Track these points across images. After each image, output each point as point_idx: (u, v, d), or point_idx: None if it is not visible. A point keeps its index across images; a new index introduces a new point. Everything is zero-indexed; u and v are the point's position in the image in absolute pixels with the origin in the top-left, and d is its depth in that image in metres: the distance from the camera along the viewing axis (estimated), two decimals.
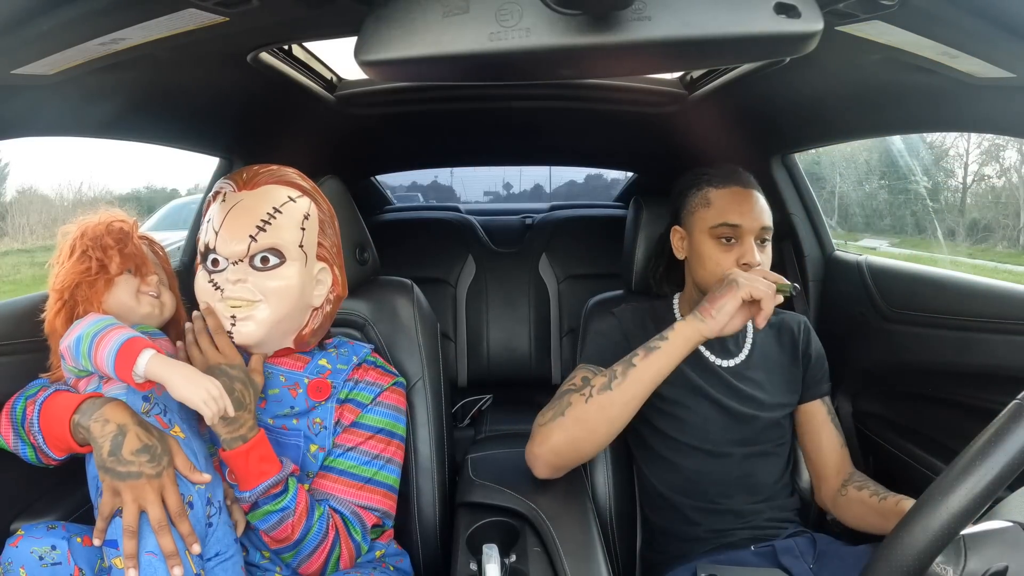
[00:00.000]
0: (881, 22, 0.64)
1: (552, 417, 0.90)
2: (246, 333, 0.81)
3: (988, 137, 4.38)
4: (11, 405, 0.79)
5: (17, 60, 0.63)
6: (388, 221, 2.29)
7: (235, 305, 0.81)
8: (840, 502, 1.03)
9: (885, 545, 0.51)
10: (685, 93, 1.36)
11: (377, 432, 0.90)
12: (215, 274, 0.82)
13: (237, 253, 0.81)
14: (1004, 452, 0.48)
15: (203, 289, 0.83)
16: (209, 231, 0.83)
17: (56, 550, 0.72)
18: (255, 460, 0.78)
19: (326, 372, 0.89)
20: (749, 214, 0.98)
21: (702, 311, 0.87)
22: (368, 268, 1.09)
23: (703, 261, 1.01)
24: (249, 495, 0.78)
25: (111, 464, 0.69)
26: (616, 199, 2.82)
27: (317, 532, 0.82)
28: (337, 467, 0.88)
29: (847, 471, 1.05)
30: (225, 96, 1.10)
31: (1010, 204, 4.49)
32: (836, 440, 1.07)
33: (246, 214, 0.82)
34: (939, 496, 0.49)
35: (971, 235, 4.47)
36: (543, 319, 2.12)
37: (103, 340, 0.71)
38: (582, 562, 0.81)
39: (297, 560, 0.83)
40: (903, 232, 4.72)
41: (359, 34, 0.57)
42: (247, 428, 0.78)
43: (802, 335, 1.09)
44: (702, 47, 0.56)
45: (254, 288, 0.81)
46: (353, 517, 0.86)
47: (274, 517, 0.79)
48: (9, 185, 6.57)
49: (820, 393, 1.08)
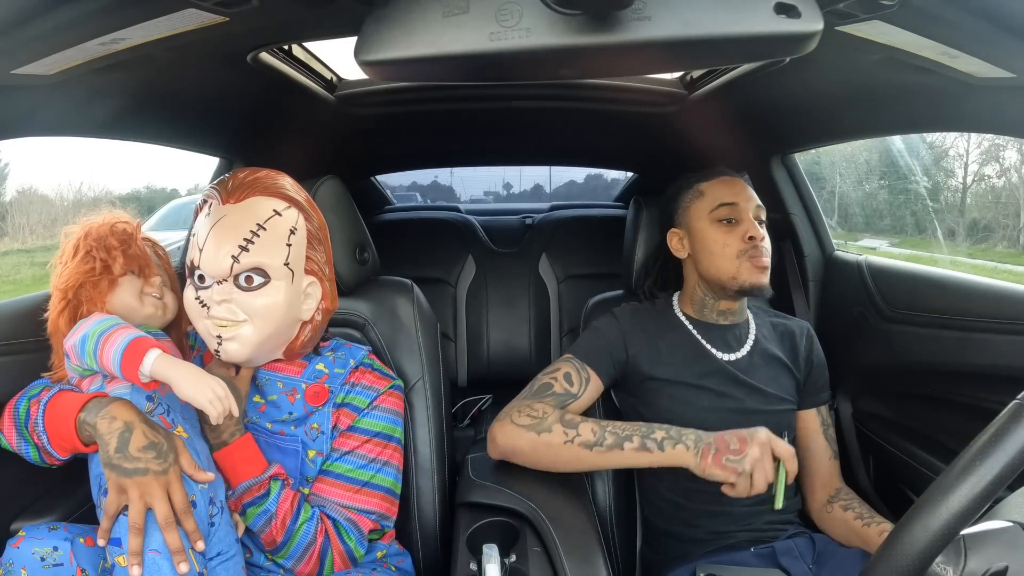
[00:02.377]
0: (881, 22, 0.64)
1: (528, 426, 0.93)
2: (232, 352, 0.80)
3: (988, 137, 4.39)
4: (14, 405, 0.79)
5: (17, 60, 0.63)
6: (388, 221, 2.29)
7: (221, 325, 0.79)
8: (824, 518, 1.04)
9: (885, 545, 0.51)
10: (685, 93, 1.36)
11: (374, 436, 0.90)
12: (201, 291, 0.80)
13: (221, 272, 0.78)
14: (1004, 452, 0.48)
15: (190, 306, 0.81)
16: (194, 247, 0.80)
17: (58, 551, 0.72)
18: (238, 462, 0.82)
19: (323, 377, 0.89)
20: (742, 193, 1.03)
21: (714, 447, 0.86)
22: (368, 268, 1.09)
23: (708, 246, 1.03)
24: (232, 494, 0.81)
25: (118, 461, 0.69)
26: (616, 199, 2.82)
27: (304, 535, 0.83)
28: (334, 471, 0.88)
29: (834, 486, 1.06)
30: (225, 96, 1.10)
31: (1010, 204, 4.50)
32: (826, 452, 1.07)
33: (229, 231, 0.79)
34: (939, 496, 0.49)
35: (971, 235, 4.49)
36: (543, 319, 2.12)
37: (109, 339, 0.72)
38: (582, 562, 0.81)
39: (289, 562, 0.85)
40: (903, 232, 4.75)
41: (359, 34, 0.57)
42: (228, 434, 0.82)
43: (804, 341, 1.09)
44: (702, 47, 0.56)
45: (238, 309, 0.79)
46: (347, 524, 0.86)
47: (260, 519, 0.82)
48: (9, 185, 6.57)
49: (817, 402, 1.08)
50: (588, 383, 1.02)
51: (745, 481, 0.84)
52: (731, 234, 1.01)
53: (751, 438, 0.85)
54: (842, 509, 1.01)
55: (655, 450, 0.89)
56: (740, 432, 0.87)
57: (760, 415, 1.01)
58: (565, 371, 1.02)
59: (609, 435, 0.90)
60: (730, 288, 1.02)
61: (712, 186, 1.04)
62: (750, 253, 1.00)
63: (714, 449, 0.86)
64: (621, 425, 0.92)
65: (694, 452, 0.87)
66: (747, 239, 0.99)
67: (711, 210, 1.03)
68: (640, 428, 0.91)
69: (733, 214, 1.02)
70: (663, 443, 0.88)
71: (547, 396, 0.99)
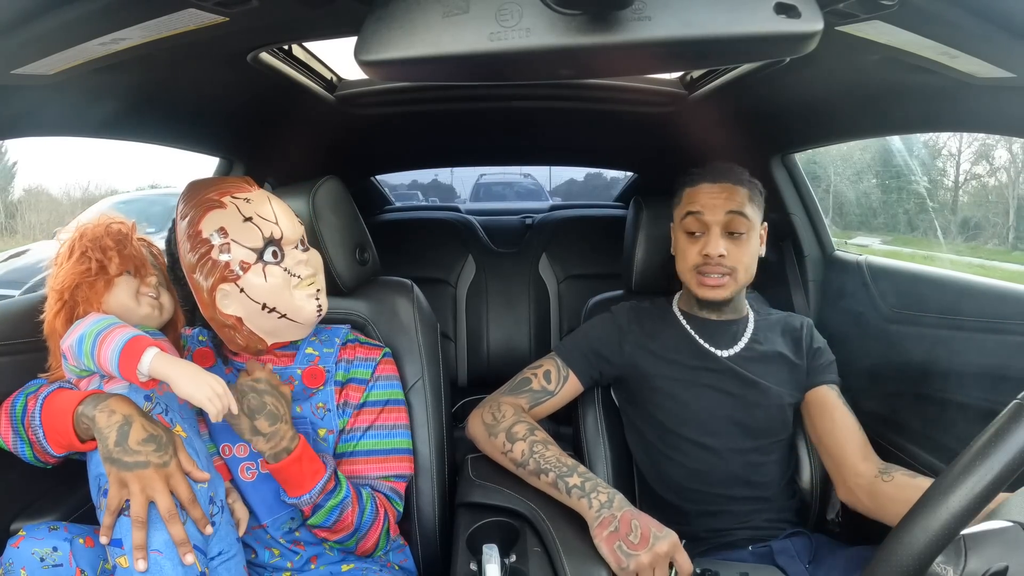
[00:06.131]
0: (881, 22, 0.64)
1: (487, 424, 0.99)
2: (325, 303, 0.88)
3: (979, 137, 4.49)
4: (10, 403, 0.79)
5: (17, 60, 0.63)
6: (388, 221, 2.29)
7: (310, 283, 0.86)
8: (881, 488, 0.92)
9: (885, 546, 0.51)
10: (685, 93, 1.36)
11: (385, 404, 0.94)
12: (285, 261, 0.84)
13: (297, 235, 0.86)
14: (1004, 452, 0.48)
15: (278, 283, 0.83)
16: (263, 225, 0.83)
17: (57, 551, 0.72)
18: (307, 462, 0.81)
19: (315, 359, 0.91)
20: (711, 203, 1.00)
21: (615, 525, 0.81)
22: (368, 268, 1.09)
23: (677, 254, 1.06)
24: (308, 497, 0.80)
25: (118, 454, 0.68)
26: (616, 199, 2.82)
27: (371, 512, 0.86)
28: (363, 448, 0.91)
29: (878, 461, 0.97)
30: (225, 96, 1.10)
31: (1000, 203, 4.58)
32: (854, 422, 1.01)
33: (281, 204, 0.87)
34: (939, 496, 0.49)
35: (962, 232, 4.56)
36: (543, 319, 2.12)
37: (107, 339, 0.72)
38: (582, 562, 0.81)
39: (357, 544, 0.87)
40: (895, 230, 4.83)
41: (359, 34, 0.57)
42: (288, 439, 0.80)
43: (805, 330, 1.09)
44: (702, 47, 0.56)
45: (308, 260, 0.86)
46: (392, 493, 0.92)
47: (336, 512, 0.82)
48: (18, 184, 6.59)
49: (827, 380, 1.06)
50: (565, 382, 1.05)
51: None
52: (693, 246, 1.02)
53: (653, 542, 0.79)
54: (910, 476, 0.91)
55: (563, 493, 0.89)
56: (650, 528, 0.81)
57: (759, 409, 1.01)
58: (546, 369, 1.06)
59: (532, 461, 0.93)
60: (693, 295, 1.04)
61: (691, 192, 1.04)
62: (701, 269, 1.00)
63: (613, 527, 0.81)
64: (549, 456, 0.92)
65: (595, 515, 0.84)
66: (702, 255, 1.00)
67: (681, 218, 1.04)
68: (562, 466, 0.90)
69: (697, 226, 1.01)
70: (571, 490, 0.88)
71: (523, 392, 1.04)
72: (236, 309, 0.83)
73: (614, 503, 0.84)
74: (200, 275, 0.82)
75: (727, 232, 1.00)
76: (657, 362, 1.04)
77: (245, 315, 0.83)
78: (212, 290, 0.82)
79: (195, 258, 0.81)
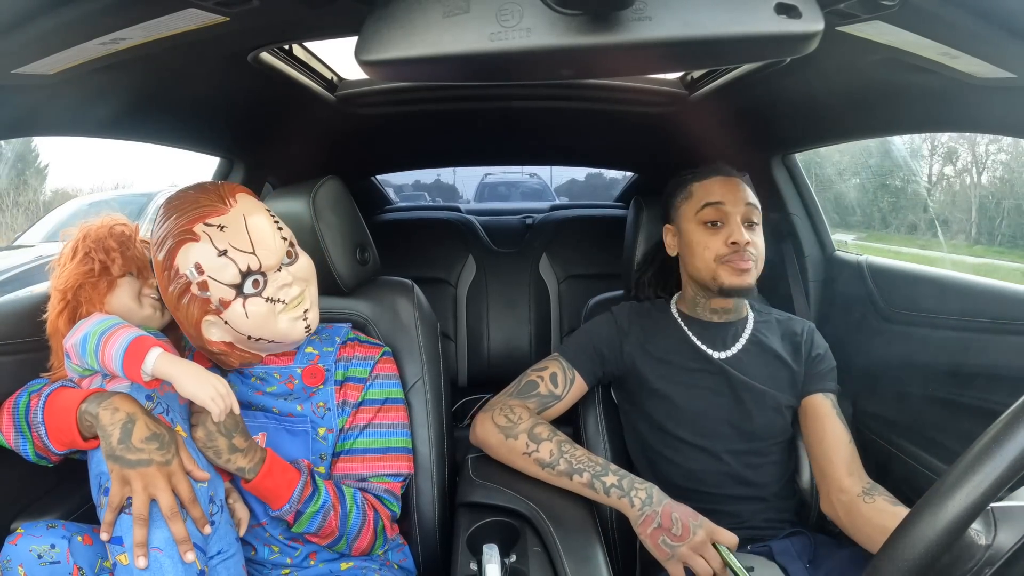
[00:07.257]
0: (881, 22, 0.64)
1: (501, 427, 0.98)
2: (314, 318, 0.84)
3: (943, 140, 4.91)
4: (13, 401, 0.79)
5: (17, 60, 0.63)
6: (388, 221, 2.29)
7: (298, 303, 0.82)
8: (861, 508, 0.90)
9: (885, 547, 0.51)
10: (685, 93, 1.36)
11: (383, 403, 0.94)
12: (265, 291, 0.79)
13: (280, 257, 0.81)
14: (1006, 453, 0.47)
15: (262, 317, 0.79)
16: (240, 258, 0.77)
17: (55, 549, 0.73)
18: (279, 473, 0.80)
19: (315, 358, 0.91)
20: (731, 194, 1.01)
21: (657, 520, 0.85)
22: (368, 268, 1.09)
23: (693, 248, 1.03)
24: (288, 506, 0.80)
25: (121, 452, 0.69)
26: (616, 199, 2.82)
27: (357, 514, 0.85)
28: (358, 447, 0.91)
29: (864, 479, 0.95)
30: (226, 96, 1.10)
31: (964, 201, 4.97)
32: (844, 435, 0.99)
33: (261, 222, 0.80)
34: (940, 497, 0.48)
35: (931, 229, 4.94)
36: (543, 319, 2.12)
37: (111, 338, 0.72)
38: (582, 562, 0.81)
39: (349, 546, 0.86)
40: (871, 227, 5.20)
41: (359, 34, 0.57)
42: (259, 450, 0.80)
43: (805, 336, 1.08)
44: (703, 47, 0.56)
45: (296, 283, 0.83)
46: (386, 494, 0.91)
47: (318, 517, 0.82)
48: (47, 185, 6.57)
49: (823, 388, 1.04)
50: (572, 384, 1.04)
51: (676, 568, 0.83)
52: (715, 237, 1.01)
53: (694, 531, 0.83)
54: (891, 504, 0.89)
55: (600, 492, 0.89)
56: (688, 518, 0.85)
57: (755, 411, 1.01)
58: (552, 371, 1.05)
59: (563, 461, 0.92)
60: (712, 288, 1.02)
61: (702, 186, 1.04)
62: (729, 258, 1.00)
63: (656, 523, 0.85)
64: (580, 455, 0.93)
65: (638, 514, 0.87)
66: (729, 244, 0.99)
67: (697, 210, 1.03)
68: (595, 466, 0.91)
69: (718, 216, 1.01)
70: (610, 489, 0.89)
71: (532, 396, 1.03)
72: (223, 336, 0.82)
73: (653, 498, 0.87)
74: (182, 309, 0.79)
75: (746, 222, 1.01)
76: (655, 364, 1.04)
77: (234, 340, 0.82)
78: (197, 324, 0.80)
79: (175, 292, 0.78)
